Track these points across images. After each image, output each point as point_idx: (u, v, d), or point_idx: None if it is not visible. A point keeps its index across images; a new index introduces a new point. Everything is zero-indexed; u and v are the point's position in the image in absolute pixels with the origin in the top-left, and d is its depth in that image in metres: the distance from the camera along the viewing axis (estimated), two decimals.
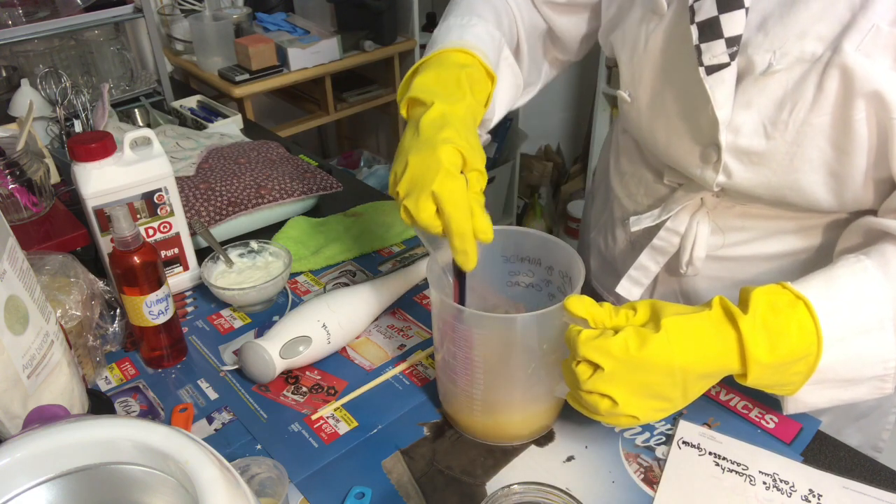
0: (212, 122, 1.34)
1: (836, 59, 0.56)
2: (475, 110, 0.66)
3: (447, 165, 0.58)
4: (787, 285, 0.56)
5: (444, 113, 0.62)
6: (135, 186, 0.80)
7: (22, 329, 0.56)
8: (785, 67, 0.59)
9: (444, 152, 0.59)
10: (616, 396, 0.54)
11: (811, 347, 0.54)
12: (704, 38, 0.61)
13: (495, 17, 0.76)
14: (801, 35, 0.58)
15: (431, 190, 0.58)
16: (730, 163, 0.67)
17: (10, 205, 0.87)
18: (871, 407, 0.82)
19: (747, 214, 0.73)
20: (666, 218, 0.77)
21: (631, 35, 0.71)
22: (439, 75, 0.67)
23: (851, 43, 0.55)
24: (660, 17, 0.67)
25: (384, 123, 2.47)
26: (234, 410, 0.73)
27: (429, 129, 0.61)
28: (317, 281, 0.94)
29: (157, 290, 0.74)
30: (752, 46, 0.61)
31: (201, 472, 0.37)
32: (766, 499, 0.62)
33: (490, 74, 0.70)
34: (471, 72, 0.67)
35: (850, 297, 0.56)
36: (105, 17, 1.30)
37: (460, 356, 0.64)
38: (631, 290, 0.83)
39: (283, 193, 1.02)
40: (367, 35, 2.02)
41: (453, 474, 0.66)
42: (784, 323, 0.54)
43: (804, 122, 0.60)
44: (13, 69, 1.43)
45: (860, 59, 0.55)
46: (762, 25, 0.60)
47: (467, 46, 0.69)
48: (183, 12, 1.97)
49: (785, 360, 0.54)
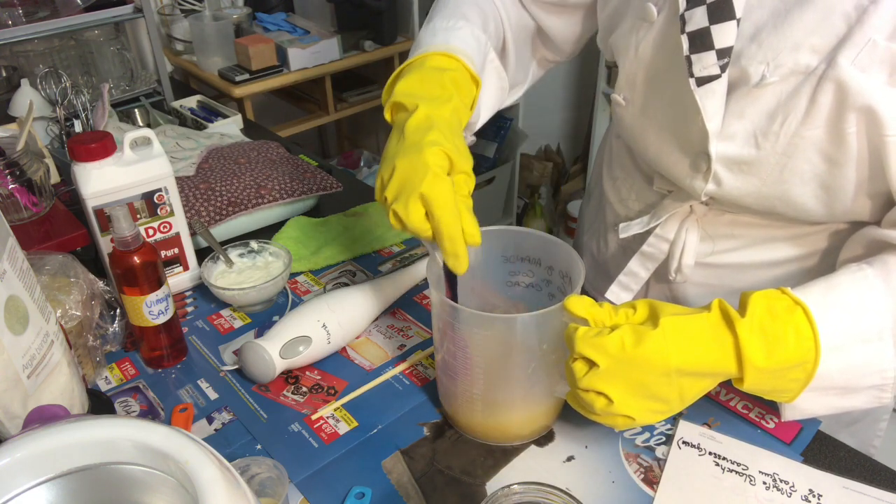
0: (212, 122, 1.34)
1: (830, 73, 0.56)
2: (460, 113, 0.65)
3: (434, 168, 0.58)
4: (786, 290, 0.55)
5: (429, 116, 0.62)
6: (135, 186, 0.80)
7: (22, 329, 0.56)
8: (779, 79, 0.59)
9: (431, 154, 0.58)
10: (611, 395, 0.54)
11: (808, 354, 0.53)
12: (695, 49, 0.60)
13: (481, 18, 0.75)
14: (796, 47, 0.57)
15: (420, 192, 0.58)
16: (720, 172, 0.66)
17: (10, 205, 0.87)
18: (864, 412, 0.82)
19: (737, 223, 0.73)
20: (655, 225, 0.77)
21: (623, 41, 0.71)
22: (423, 78, 0.66)
23: (847, 57, 0.55)
24: (650, 25, 0.66)
25: (384, 123, 2.45)
26: (234, 410, 0.73)
27: (414, 133, 0.61)
28: (317, 281, 0.94)
29: (157, 290, 0.74)
30: (746, 58, 0.60)
31: (201, 472, 0.37)
32: (766, 499, 0.62)
33: (475, 79, 0.69)
34: (455, 76, 0.67)
35: (850, 305, 0.55)
36: (105, 17, 1.30)
37: (460, 356, 0.64)
38: (620, 295, 0.83)
39: (283, 193, 1.02)
40: (367, 35, 2.02)
41: (453, 474, 0.66)
42: (781, 328, 0.53)
43: (795, 134, 0.60)
44: (13, 69, 1.43)
45: (855, 73, 0.55)
46: (755, 36, 0.59)
47: (452, 51, 0.69)
48: (183, 12, 1.97)
49: (782, 366, 0.53)
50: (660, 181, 0.77)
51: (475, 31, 0.73)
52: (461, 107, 0.66)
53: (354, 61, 2.01)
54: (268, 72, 1.85)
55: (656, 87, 0.69)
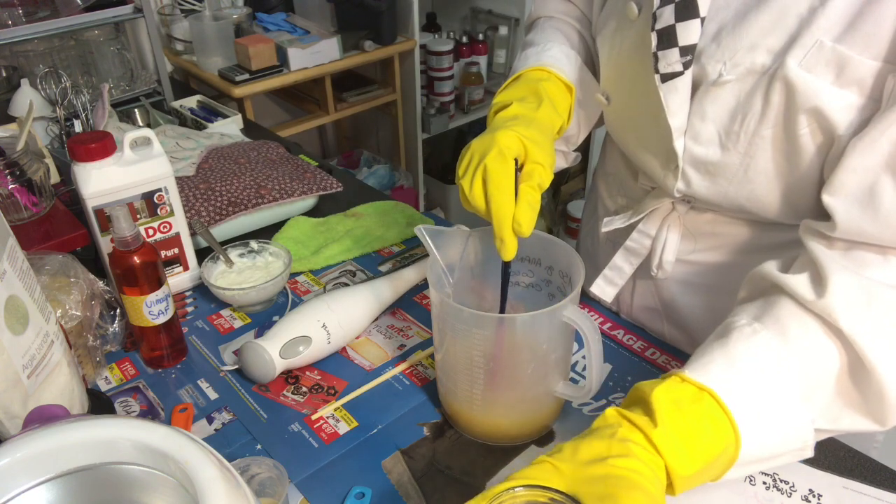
0: (212, 122, 1.34)
1: (780, 73, 0.56)
2: (552, 117, 0.68)
3: (501, 146, 0.59)
4: (685, 377, 0.53)
5: (518, 113, 0.65)
6: (135, 186, 0.80)
7: (22, 329, 0.56)
8: (735, 78, 0.59)
9: (502, 136, 0.60)
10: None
11: (729, 439, 0.51)
12: (662, 46, 0.61)
13: (568, 39, 0.79)
14: (752, 47, 0.58)
15: (483, 166, 0.59)
16: (688, 171, 0.67)
17: (10, 205, 0.87)
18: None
19: (717, 221, 0.73)
20: (637, 220, 0.78)
21: (608, 39, 0.72)
22: (517, 88, 0.70)
23: (794, 58, 0.55)
24: (631, 24, 0.67)
25: (384, 123, 2.47)
26: (234, 410, 0.73)
27: (498, 122, 0.64)
28: (317, 281, 0.94)
29: (157, 290, 0.74)
30: (706, 56, 0.61)
31: (201, 472, 0.37)
32: (766, 499, 0.62)
33: (568, 86, 0.72)
34: (547, 85, 0.70)
35: (753, 377, 0.53)
36: (105, 17, 1.30)
37: (460, 356, 0.64)
38: (605, 289, 0.83)
39: (283, 193, 1.02)
40: (367, 35, 2.02)
41: (453, 474, 0.66)
42: (695, 423, 0.50)
43: (755, 134, 0.60)
44: (13, 69, 1.43)
45: (802, 73, 0.55)
46: (716, 36, 0.60)
47: (543, 66, 0.72)
48: (183, 12, 1.97)
49: (708, 462, 0.50)
50: (643, 177, 0.78)
51: (564, 49, 0.76)
52: (552, 111, 0.68)
53: (354, 61, 2.01)
54: (268, 72, 1.85)
55: (633, 85, 0.70)
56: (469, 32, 2.42)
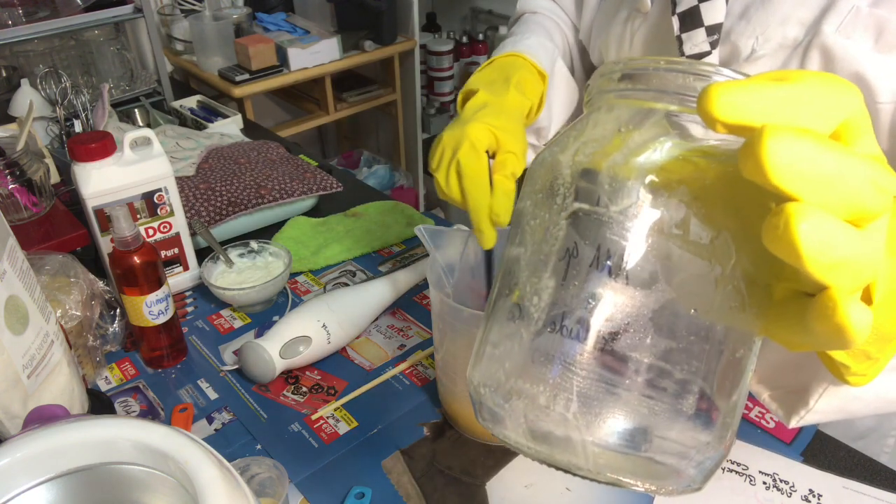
0: (212, 122, 1.34)
1: (816, 41, 0.55)
2: (521, 103, 0.67)
3: (473, 140, 0.60)
4: None
5: (486, 101, 0.65)
6: (135, 186, 0.80)
7: (22, 329, 0.56)
8: (768, 53, 0.59)
9: (473, 128, 0.60)
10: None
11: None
12: (685, 28, 0.61)
13: (547, 32, 0.79)
14: (783, 20, 0.57)
15: (455, 160, 0.60)
16: None
17: (10, 205, 0.87)
18: (870, 428, 0.81)
19: None
20: None
21: (616, 34, 0.72)
22: (488, 73, 0.70)
23: (831, 24, 0.54)
24: (644, 16, 0.67)
25: (384, 123, 2.47)
26: (234, 410, 0.73)
27: (467, 112, 0.64)
28: (317, 281, 0.94)
29: (157, 290, 0.74)
30: (735, 34, 0.60)
31: (201, 472, 0.37)
32: (766, 499, 0.62)
33: (541, 73, 0.72)
34: (519, 69, 0.70)
35: None
36: (105, 17, 1.30)
37: (460, 356, 0.64)
38: None
39: (283, 193, 1.02)
40: (367, 35, 2.02)
41: (453, 474, 0.66)
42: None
43: None
44: (13, 69, 1.43)
45: (840, 40, 0.54)
46: (744, 13, 0.60)
47: (518, 52, 0.72)
48: (183, 12, 1.97)
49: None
50: None
51: (541, 40, 0.76)
52: (522, 97, 0.67)
53: (354, 61, 2.01)
54: (268, 72, 1.85)
55: None
56: (469, 32, 2.42)
